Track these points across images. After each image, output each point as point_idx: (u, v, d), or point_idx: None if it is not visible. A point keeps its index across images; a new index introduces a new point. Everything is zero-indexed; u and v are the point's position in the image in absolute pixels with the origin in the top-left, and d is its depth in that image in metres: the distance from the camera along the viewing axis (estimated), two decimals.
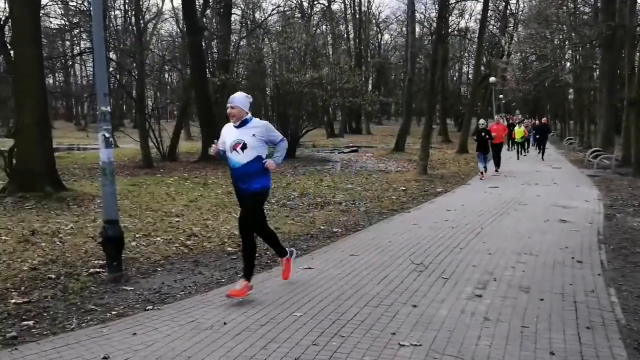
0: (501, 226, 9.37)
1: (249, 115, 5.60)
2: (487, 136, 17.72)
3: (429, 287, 5.79)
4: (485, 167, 17.67)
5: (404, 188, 14.73)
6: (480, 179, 16.85)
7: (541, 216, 10.35)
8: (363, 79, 33.57)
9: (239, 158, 5.45)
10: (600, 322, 4.79)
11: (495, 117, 20.86)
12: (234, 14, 29.82)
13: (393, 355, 4.07)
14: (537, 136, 27.96)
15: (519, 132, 26.72)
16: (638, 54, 21.04)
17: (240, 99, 5.55)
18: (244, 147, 5.46)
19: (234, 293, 5.30)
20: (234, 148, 5.48)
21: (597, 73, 30.83)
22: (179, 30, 33.91)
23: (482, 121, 18.82)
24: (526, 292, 5.61)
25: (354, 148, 32.96)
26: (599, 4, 29.47)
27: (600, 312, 5.04)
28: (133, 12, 28.87)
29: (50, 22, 41.65)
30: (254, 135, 5.46)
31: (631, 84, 20.69)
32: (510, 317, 4.89)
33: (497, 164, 19.28)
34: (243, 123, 5.55)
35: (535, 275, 6.28)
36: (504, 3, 48.29)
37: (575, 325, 4.72)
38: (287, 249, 6.11)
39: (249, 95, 5.70)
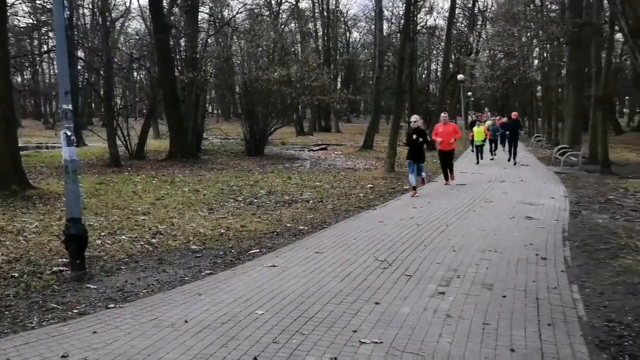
0: (466, 223, 9.46)
1: None
2: (420, 139, 13.22)
3: (392, 284, 5.84)
4: (422, 179, 13.89)
5: (371, 185, 14.84)
6: (412, 196, 13.02)
7: (507, 213, 10.45)
8: (332, 77, 33.57)
9: None
10: (562, 319, 4.83)
11: (442, 115, 16.09)
12: (202, 11, 29.60)
13: (353, 352, 4.09)
14: (507, 132, 23.67)
15: (478, 132, 22.63)
16: (604, 52, 21.36)
17: None
18: None
19: None
20: None
21: (565, 71, 31.31)
22: (146, 29, 33.52)
23: (414, 118, 13.89)
24: (489, 289, 5.67)
25: (323, 146, 33.04)
26: (566, 1, 29.98)
27: (562, 309, 5.09)
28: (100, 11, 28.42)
29: (19, 21, 40.97)
30: None
31: (598, 82, 20.99)
32: (472, 314, 4.94)
33: (447, 174, 15.43)
34: None
35: (499, 272, 6.35)
36: (472, 1, 48.89)
37: (536, 322, 4.77)
38: None
39: None
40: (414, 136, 13.15)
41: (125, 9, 35.99)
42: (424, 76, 74.15)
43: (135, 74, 43.35)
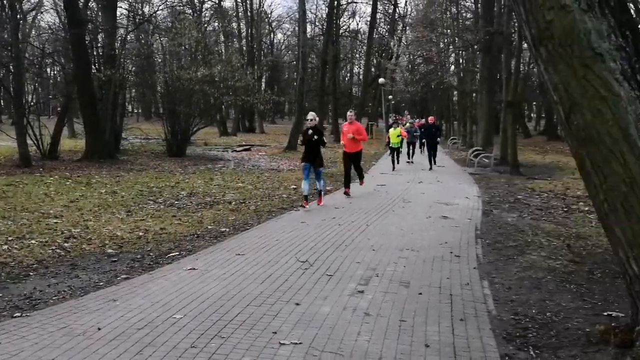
0: (386, 223, 9.68)
1: None
2: (316, 137, 11.50)
3: (313, 284, 5.87)
4: (320, 194, 11.98)
5: (294, 186, 14.85)
6: (303, 207, 11.24)
7: (424, 213, 10.80)
8: (256, 78, 33.44)
9: None
10: (473, 314, 5.03)
11: (348, 113, 13.91)
12: (120, 7, 28.69)
13: (273, 354, 4.07)
14: (424, 139, 22.75)
15: (393, 134, 21.37)
16: (514, 59, 22.53)
17: None
18: None
19: None
20: None
21: (479, 76, 32.63)
22: (60, 23, 32.09)
23: (310, 115, 12.07)
24: (406, 287, 5.81)
25: (247, 146, 32.79)
26: (479, 11, 31.28)
27: (473, 304, 5.30)
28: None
29: None
30: None
31: (508, 88, 22.13)
32: (389, 311, 5.04)
33: (349, 181, 13.52)
34: None
35: (416, 270, 6.53)
36: (392, 6, 50.03)
37: (450, 317, 4.93)
38: None
39: None
40: (310, 132, 11.52)
41: (37, 1, 34.22)
42: (346, 79, 75.36)
43: (48, 70, 41.50)
